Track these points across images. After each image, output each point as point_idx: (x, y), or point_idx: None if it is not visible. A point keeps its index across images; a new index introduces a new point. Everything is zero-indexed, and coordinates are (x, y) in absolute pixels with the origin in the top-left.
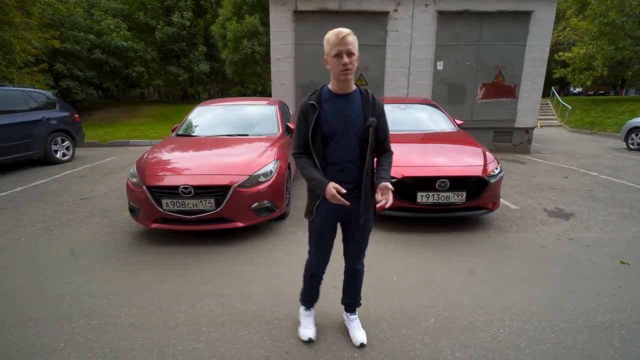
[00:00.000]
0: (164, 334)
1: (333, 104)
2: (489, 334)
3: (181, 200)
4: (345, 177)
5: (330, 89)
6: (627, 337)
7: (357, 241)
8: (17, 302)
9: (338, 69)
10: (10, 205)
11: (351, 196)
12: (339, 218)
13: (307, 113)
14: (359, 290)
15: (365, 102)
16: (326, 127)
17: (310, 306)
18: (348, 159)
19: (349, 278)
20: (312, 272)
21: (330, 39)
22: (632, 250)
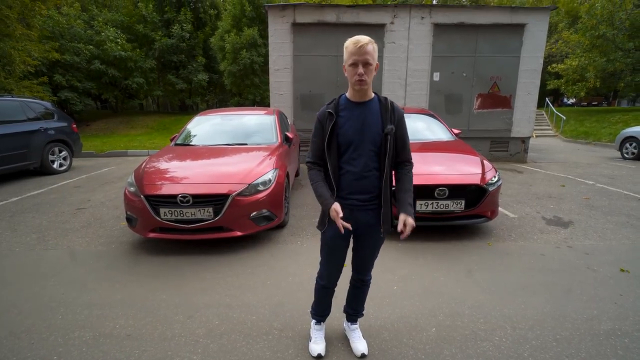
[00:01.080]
0: (160, 346)
1: (350, 112)
2: (491, 343)
3: (179, 209)
4: (362, 187)
5: (348, 97)
6: (630, 345)
7: (368, 252)
8: (10, 314)
9: (353, 78)
10: (5, 216)
11: (368, 207)
12: (353, 229)
13: (324, 121)
14: (363, 302)
15: (384, 110)
16: (342, 136)
17: (321, 320)
18: (365, 168)
19: (355, 288)
20: (323, 284)
21: (349, 48)
22: (631, 258)
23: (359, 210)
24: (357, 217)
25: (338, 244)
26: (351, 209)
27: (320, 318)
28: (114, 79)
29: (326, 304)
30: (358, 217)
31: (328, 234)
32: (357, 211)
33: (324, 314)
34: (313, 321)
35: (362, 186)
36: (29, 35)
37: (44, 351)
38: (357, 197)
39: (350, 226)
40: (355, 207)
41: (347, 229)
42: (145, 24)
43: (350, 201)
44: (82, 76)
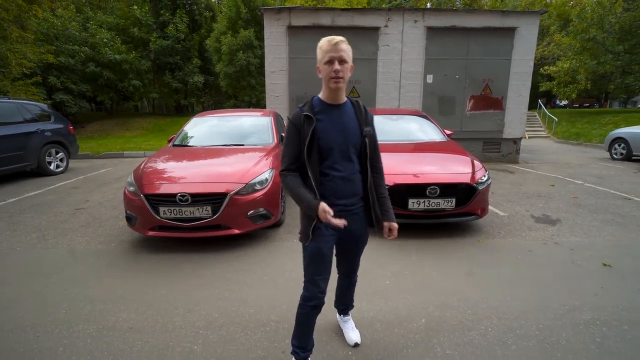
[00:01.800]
0: (162, 337)
1: (327, 115)
2: (477, 332)
3: (178, 208)
4: (348, 190)
5: (322, 99)
6: (608, 333)
7: (356, 256)
8: (14, 309)
9: (329, 76)
10: (4, 216)
11: (354, 211)
12: (339, 236)
13: (301, 126)
14: (352, 296)
15: (359, 113)
16: (323, 140)
17: (307, 356)
18: (349, 171)
19: (344, 288)
20: (312, 305)
21: (323, 46)
22: (614, 254)
23: (346, 216)
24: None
25: (326, 254)
26: (339, 217)
27: (306, 354)
28: (109, 81)
29: (311, 332)
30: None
31: (314, 245)
32: (344, 217)
33: (311, 347)
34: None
35: (349, 190)
36: (24, 37)
37: (49, 343)
38: (343, 203)
39: (344, 222)
40: (342, 214)
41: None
42: (140, 26)
43: (337, 207)
44: (77, 78)
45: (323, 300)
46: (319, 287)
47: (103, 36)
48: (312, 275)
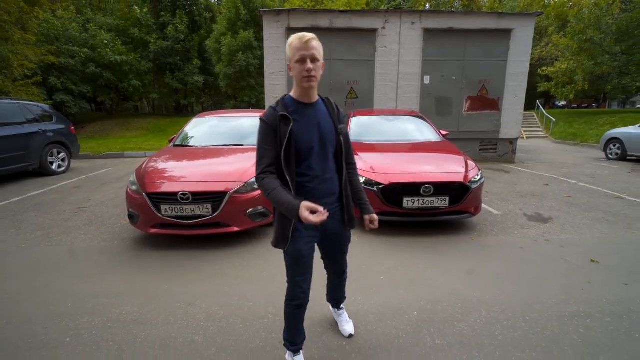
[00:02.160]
0: (164, 329)
1: (302, 115)
2: (466, 324)
3: (179, 206)
4: (326, 190)
5: (295, 98)
6: (591, 324)
7: (341, 255)
8: (22, 304)
9: (301, 75)
10: (8, 215)
11: (332, 210)
12: (319, 237)
13: (277, 126)
14: (344, 290)
15: (332, 111)
16: (301, 140)
17: (299, 349)
18: (327, 171)
19: (334, 285)
20: (297, 304)
21: (294, 43)
22: (602, 250)
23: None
24: (325, 224)
25: (306, 255)
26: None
27: (298, 347)
28: (109, 82)
29: (300, 328)
30: (326, 224)
31: (294, 248)
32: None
33: (301, 341)
34: (289, 353)
35: (327, 189)
36: (26, 39)
37: (57, 334)
38: (323, 203)
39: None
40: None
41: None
42: (141, 27)
43: None
44: (77, 79)
45: (306, 300)
46: (301, 288)
47: (103, 37)
48: (294, 276)
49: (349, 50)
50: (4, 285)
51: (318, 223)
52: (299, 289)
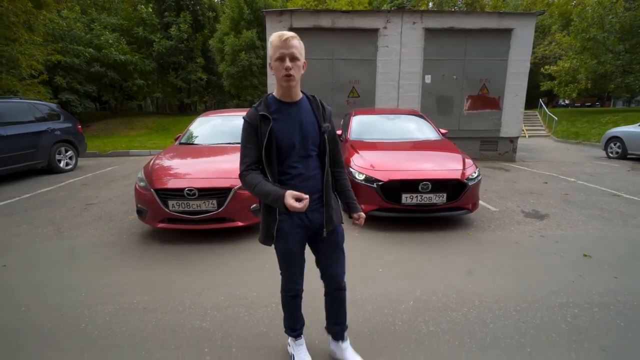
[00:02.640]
0: (173, 316)
1: (283, 114)
2: (459, 313)
3: (186, 202)
4: (306, 188)
5: (277, 97)
6: (579, 314)
7: (332, 256)
8: (38, 293)
9: (280, 73)
10: (19, 210)
11: (314, 208)
12: (306, 235)
13: (257, 125)
14: (345, 313)
15: (317, 109)
16: (282, 139)
17: (299, 334)
18: (309, 169)
19: (332, 300)
20: (292, 295)
21: (274, 41)
22: (595, 246)
23: (311, 212)
24: (313, 219)
25: (295, 252)
26: (306, 215)
27: (298, 332)
28: (113, 81)
29: (298, 315)
30: (313, 218)
31: (281, 244)
32: (310, 213)
33: (300, 326)
34: (290, 339)
35: (309, 187)
36: (34, 40)
37: (73, 320)
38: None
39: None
40: (308, 209)
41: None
42: (145, 26)
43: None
44: (82, 78)
45: (300, 291)
46: (293, 279)
47: (108, 37)
48: (286, 270)
49: (351, 50)
50: (21, 275)
51: (302, 209)
52: (291, 281)
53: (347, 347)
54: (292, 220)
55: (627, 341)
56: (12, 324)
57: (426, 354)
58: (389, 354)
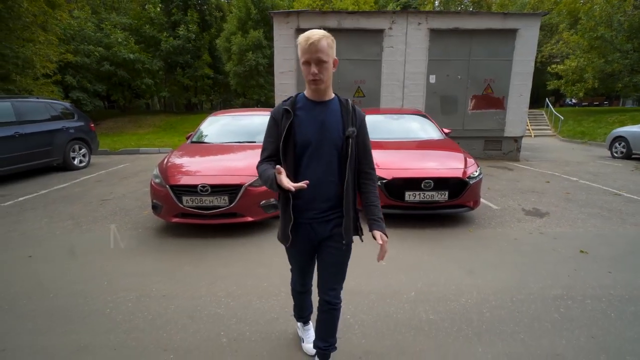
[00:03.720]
0: (190, 303)
1: (308, 111)
2: (458, 303)
3: (199, 198)
4: (322, 194)
5: (306, 95)
6: (572, 305)
7: (333, 268)
8: (63, 281)
9: (307, 77)
10: (39, 205)
11: (328, 218)
12: (317, 238)
13: (279, 119)
14: (335, 331)
15: (345, 112)
16: (300, 135)
17: (307, 320)
18: (326, 173)
19: (324, 313)
20: (298, 290)
21: (301, 44)
22: (592, 242)
23: (318, 223)
24: (317, 231)
25: (305, 254)
26: (310, 224)
27: (306, 319)
28: (122, 80)
29: (308, 304)
30: (318, 231)
31: (294, 252)
32: (316, 224)
33: (308, 313)
34: (299, 323)
35: (322, 194)
36: (50, 40)
37: (98, 306)
38: (316, 208)
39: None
40: (314, 220)
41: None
42: (153, 25)
43: (309, 214)
44: (92, 77)
45: (308, 287)
46: (301, 281)
47: (117, 36)
48: (295, 268)
49: (357, 50)
50: (46, 265)
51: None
52: (299, 282)
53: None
54: (299, 230)
55: (616, 330)
56: (44, 307)
57: (426, 339)
58: (392, 338)
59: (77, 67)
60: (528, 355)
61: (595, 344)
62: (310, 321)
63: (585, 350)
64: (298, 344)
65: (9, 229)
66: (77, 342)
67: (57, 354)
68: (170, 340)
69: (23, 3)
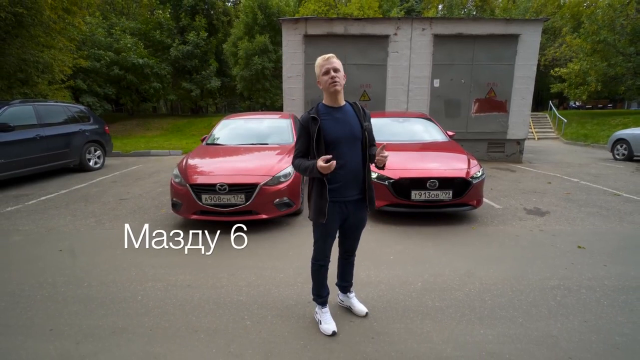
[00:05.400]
0: (214, 292)
1: (332, 116)
2: (462, 292)
3: (217, 196)
4: (352, 175)
5: (326, 104)
6: (567, 294)
7: (357, 233)
8: (94, 272)
9: (328, 82)
10: (61, 204)
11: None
12: (344, 214)
13: (308, 125)
14: (352, 275)
15: (358, 112)
16: (329, 134)
17: (325, 302)
18: (354, 158)
19: (346, 265)
20: (322, 263)
21: (319, 62)
22: (590, 239)
23: (351, 204)
24: (350, 211)
25: (334, 228)
26: (345, 204)
27: (324, 299)
28: (131, 84)
29: (325, 284)
30: (350, 211)
31: (324, 225)
32: (350, 205)
33: (326, 294)
34: (318, 306)
35: (352, 175)
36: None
37: (129, 294)
38: (349, 190)
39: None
40: (348, 202)
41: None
42: (162, 30)
43: (344, 198)
44: (102, 81)
45: (328, 260)
46: (324, 252)
47: (127, 41)
48: (321, 243)
49: (363, 55)
50: (77, 259)
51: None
52: (323, 253)
53: (353, 297)
54: (334, 207)
55: (607, 315)
56: (81, 295)
57: (432, 322)
58: (401, 322)
59: (87, 72)
60: (526, 336)
61: (587, 327)
62: (327, 305)
63: (577, 332)
64: (316, 326)
65: (37, 225)
66: (115, 324)
67: (99, 333)
68: (200, 323)
69: (45, 10)
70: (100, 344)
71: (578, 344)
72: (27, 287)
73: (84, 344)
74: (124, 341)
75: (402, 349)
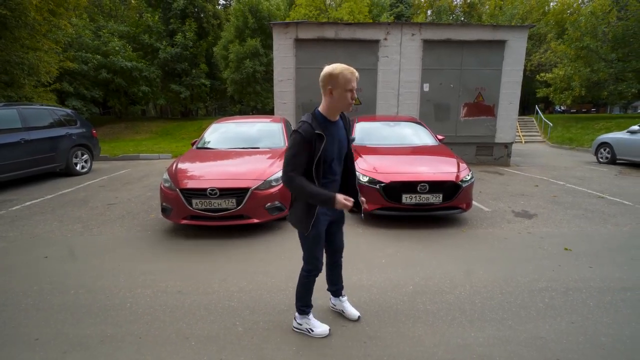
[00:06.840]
0: (205, 297)
1: (330, 132)
2: (452, 295)
3: (208, 200)
4: (336, 187)
5: (324, 115)
6: (555, 295)
7: (340, 237)
8: (82, 279)
9: (347, 102)
10: (47, 210)
11: None
12: (331, 221)
13: (313, 141)
14: (342, 277)
15: (347, 125)
16: (328, 155)
17: (310, 311)
18: (339, 172)
19: (335, 268)
20: (314, 273)
21: (347, 75)
22: (576, 241)
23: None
24: (335, 212)
25: (323, 234)
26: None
27: (310, 308)
28: (119, 86)
29: (311, 293)
30: (335, 212)
31: (314, 231)
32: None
33: (311, 304)
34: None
35: (336, 187)
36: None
37: (118, 301)
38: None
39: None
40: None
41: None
42: (151, 33)
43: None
44: (89, 84)
45: (321, 269)
46: (318, 260)
47: (115, 44)
48: (315, 252)
49: (353, 60)
50: (63, 265)
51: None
52: (318, 261)
53: (345, 300)
54: (324, 213)
55: (593, 316)
56: (68, 302)
57: (424, 326)
58: (393, 325)
59: (74, 74)
60: (515, 338)
61: (574, 328)
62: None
63: (565, 333)
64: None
65: (21, 231)
66: (103, 332)
67: (86, 342)
68: (191, 330)
69: (30, 12)
70: (88, 354)
71: (566, 345)
72: (12, 295)
73: (71, 354)
74: (113, 350)
75: (395, 352)
